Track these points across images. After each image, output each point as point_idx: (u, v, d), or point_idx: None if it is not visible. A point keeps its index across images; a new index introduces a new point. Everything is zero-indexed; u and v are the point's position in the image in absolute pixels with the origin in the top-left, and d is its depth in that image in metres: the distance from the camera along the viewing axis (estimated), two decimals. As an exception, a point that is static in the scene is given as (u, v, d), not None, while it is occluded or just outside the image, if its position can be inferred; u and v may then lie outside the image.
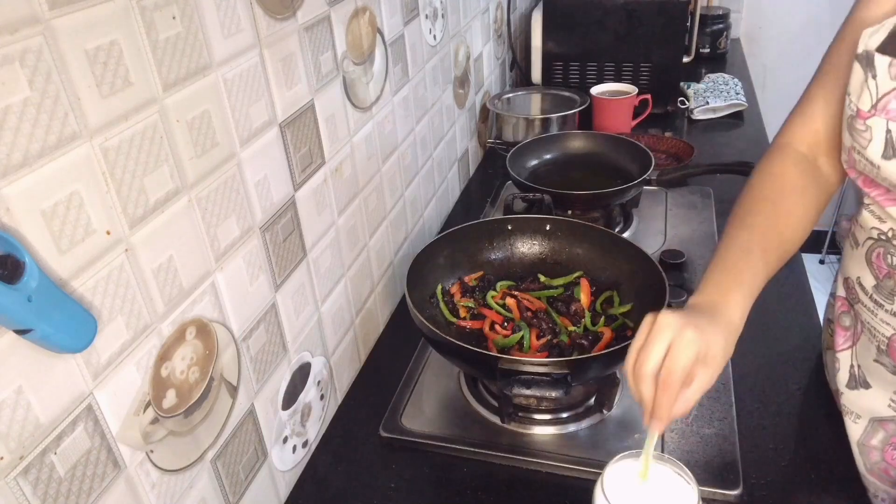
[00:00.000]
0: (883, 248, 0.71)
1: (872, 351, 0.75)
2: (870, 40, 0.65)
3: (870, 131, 0.64)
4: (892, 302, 0.71)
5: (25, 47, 0.45)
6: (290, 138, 0.78)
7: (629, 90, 1.66)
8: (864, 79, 0.64)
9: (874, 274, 0.73)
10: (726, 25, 2.16)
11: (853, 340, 0.79)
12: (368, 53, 0.96)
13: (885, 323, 0.72)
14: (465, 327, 0.98)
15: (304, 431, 0.87)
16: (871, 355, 0.75)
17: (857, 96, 0.65)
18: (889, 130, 0.63)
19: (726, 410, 0.88)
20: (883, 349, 0.73)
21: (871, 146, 0.65)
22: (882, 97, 0.63)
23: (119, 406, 0.55)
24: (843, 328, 0.81)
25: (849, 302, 0.80)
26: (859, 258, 0.75)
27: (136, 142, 0.55)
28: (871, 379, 0.77)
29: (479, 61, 1.56)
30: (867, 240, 0.73)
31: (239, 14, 0.66)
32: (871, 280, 0.73)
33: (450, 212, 1.44)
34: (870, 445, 0.78)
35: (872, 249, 0.72)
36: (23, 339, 0.45)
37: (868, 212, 0.72)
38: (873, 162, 0.65)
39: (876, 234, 0.72)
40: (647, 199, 1.36)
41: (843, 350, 0.81)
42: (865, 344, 0.76)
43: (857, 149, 0.67)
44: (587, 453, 0.84)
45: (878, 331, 0.73)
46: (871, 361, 0.76)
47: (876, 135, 0.64)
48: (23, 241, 0.45)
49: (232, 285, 0.69)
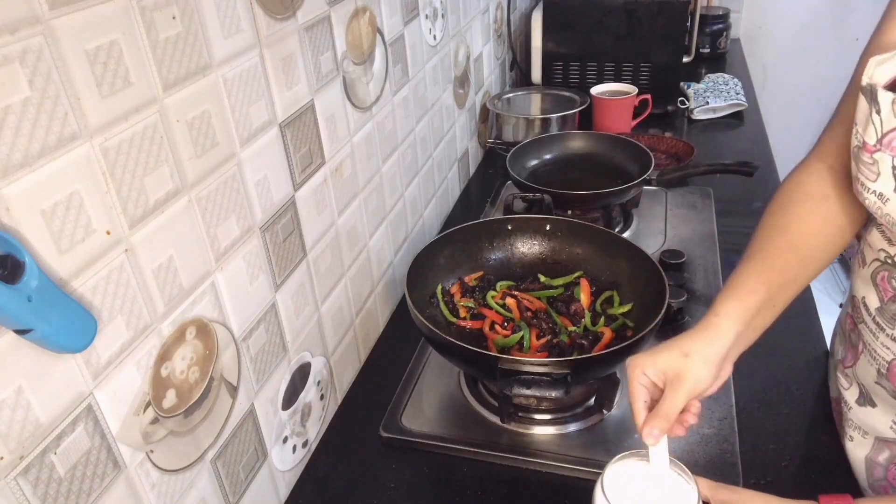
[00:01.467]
0: (888, 272, 0.69)
1: (872, 373, 0.74)
2: (875, 71, 0.62)
3: (877, 165, 0.61)
4: (893, 327, 0.69)
5: (25, 47, 0.45)
6: (290, 138, 0.78)
7: (629, 90, 1.66)
8: (868, 112, 0.61)
9: (879, 296, 0.71)
10: (726, 25, 2.16)
11: (854, 360, 0.78)
12: (368, 53, 0.96)
13: (885, 347, 0.70)
14: (465, 327, 0.98)
15: (304, 431, 0.87)
16: (872, 377, 0.74)
17: (864, 129, 0.62)
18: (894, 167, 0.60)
19: (726, 410, 0.88)
20: (883, 373, 0.72)
21: (881, 180, 0.62)
22: (887, 133, 0.60)
23: (119, 406, 0.55)
24: (852, 345, 0.79)
25: (853, 320, 0.78)
26: (865, 278, 0.73)
27: (136, 142, 0.55)
28: (875, 399, 0.75)
29: (479, 61, 1.56)
30: (874, 261, 0.71)
31: (239, 14, 0.66)
32: (876, 302, 0.71)
33: (450, 212, 1.44)
34: (876, 462, 0.77)
35: (878, 272, 0.70)
36: (23, 339, 0.45)
37: (879, 231, 0.70)
38: (883, 195, 0.62)
39: (883, 257, 0.70)
40: (647, 199, 1.36)
41: (850, 367, 0.79)
42: (865, 365, 0.75)
43: (860, 181, 0.64)
44: (587, 453, 0.84)
45: (879, 354, 0.72)
46: (872, 383, 0.74)
47: (883, 169, 0.61)
48: (23, 241, 0.45)
49: (232, 285, 0.69)
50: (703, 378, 0.65)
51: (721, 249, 1.21)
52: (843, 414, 0.81)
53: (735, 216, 1.31)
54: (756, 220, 0.78)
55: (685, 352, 0.65)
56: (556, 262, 1.08)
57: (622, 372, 0.94)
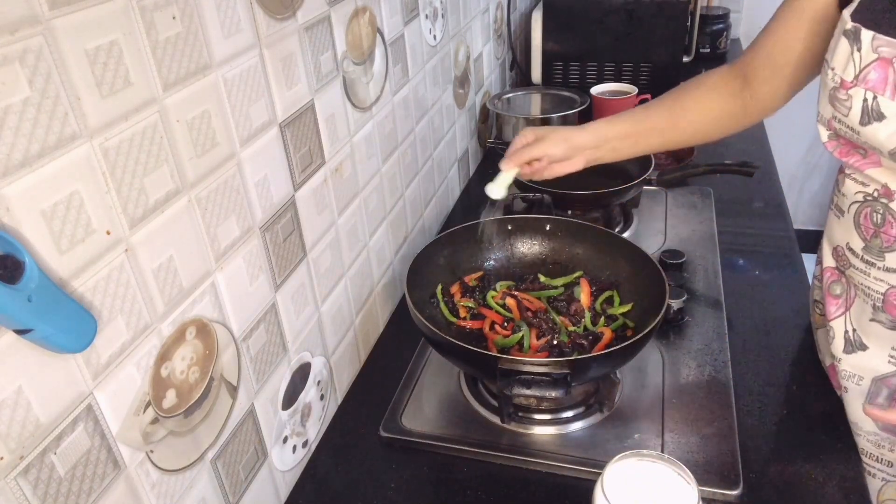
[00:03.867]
0: (870, 208, 0.75)
1: (868, 311, 0.78)
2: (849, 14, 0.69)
3: (850, 100, 0.68)
4: (882, 259, 0.74)
5: (25, 47, 0.45)
6: (290, 138, 0.78)
7: (629, 90, 1.66)
8: (850, 52, 0.68)
9: (861, 236, 0.76)
10: (726, 25, 2.16)
11: (846, 306, 0.82)
12: (368, 53, 0.96)
13: (878, 280, 0.76)
14: (465, 327, 0.98)
15: (304, 431, 0.87)
16: (867, 315, 0.79)
17: (843, 68, 0.69)
18: (866, 99, 0.67)
19: (726, 410, 0.88)
20: (879, 306, 0.77)
21: (851, 114, 0.69)
22: (864, 68, 0.67)
23: (119, 406, 0.55)
24: (835, 297, 0.84)
25: (839, 270, 0.83)
26: (846, 224, 0.78)
27: (136, 142, 0.55)
28: (867, 340, 0.80)
29: (479, 61, 1.56)
30: (852, 204, 0.77)
31: (239, 14, 0.66)
32: (860, 242, 0.77)
33: (450, 212, 1.44)
34: (875, 405, 0.80)
35: (860, 212, 0.76)
36: (23, 339, 0.45)
37: (850, 180, 0.76)
38: (853, 128, 0.69)
39: (861, 197, 0.75)
40: (647, 199, 1.36)
41: (837, 318, 0.84)
42: (860, 306, 0.80)
43: (838, 118, 0.71)
44: (587, 453, 0.84)
45: (873, 289, 0.77)
46: (866, 322, 0.79)
47: (855, 104, 0.68)
48: (23, 241, 0.45)
49: (232, 285, 0.69)
50: (555, 150, 0.93)
51: (721, 249, 1.21)
52: (836, 372, 0.85)
53: (735, 216, 1.31)
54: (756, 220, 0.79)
55: (553, 129, 0.95)
56: (556, 262, 1.08)
57: (622, 372, 0.95)
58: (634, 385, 0.94)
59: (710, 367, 0.96)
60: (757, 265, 1.18)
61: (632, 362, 0.88)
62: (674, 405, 0.90)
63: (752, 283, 1.13)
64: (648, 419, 0.88)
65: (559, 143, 0.92)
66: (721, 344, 1.00)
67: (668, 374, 0.95)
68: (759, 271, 1.15)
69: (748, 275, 1.16)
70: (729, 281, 1.13)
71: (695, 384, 0.93)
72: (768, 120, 1.60)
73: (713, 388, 0.92)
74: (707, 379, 0.93)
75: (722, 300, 1.08)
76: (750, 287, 1.12)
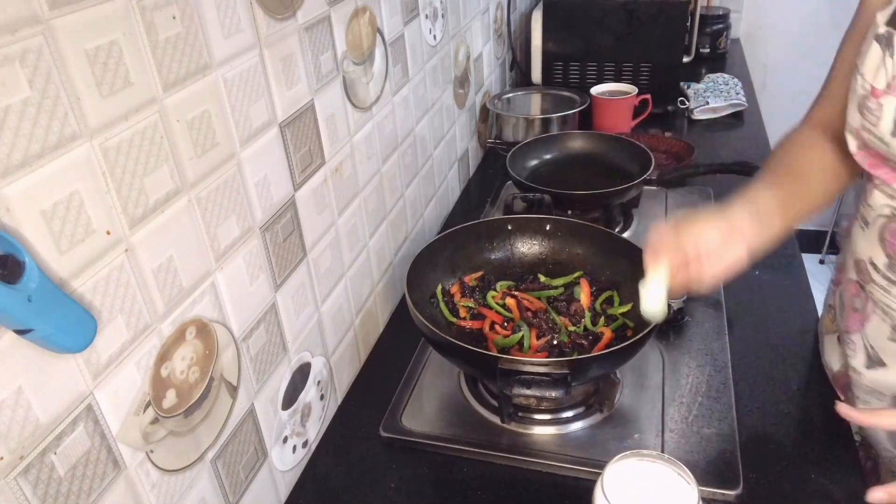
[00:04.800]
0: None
1: (886, 330, 0.76)
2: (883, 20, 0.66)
3: (881, 109, 0.65)
4: None
5: (25, 47, 0.45)
6: (290, 138, 0.78)
7: (629, 90, 1.66)
8: (881, 57, 0.64)
9: (887, 252, 0.73)
10: (726, 25, 2.16)
11: (862, 324, 0.80)
12: (368, 53, 0.96)
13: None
14: (465, 327, 0.98)
15: (304, 431, 0.87)
16: (885, 335, 0.76)
17: (873, 75, 0.65)
18: None
19: (726, 410, 0.88)
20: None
21: (881, 124, 0.65)
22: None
23: (119, 406, 0.55)
24: (855, 310, 0.81)
25: (860, 284, 0.80)
26: (871, 238, 0.75)
27: (136, 142, 0.55)
28: (885, 357, 0.77)
29: (479, 61, 1.56)
30: (878, 217, 0.73)
31: (239, 14, 0.66)
32: (884, 259, 0.73)
33: (450, 212, 1.44)
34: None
35: (886, 226, 0.72)
36: (23, 339, 0.45)
37: (879, 191, 0.72)
38: (883, 139, 0.66)
39: (889, 212, 0.72)
40: (647, 199, 1.36)
41: (857, 332, 0.81)
42: (878, 324, 0.77)
43: (867, 127, 0.67)
44: (587, 453, 0.84)
45: (893, 308, 0.74)
46: (885, 341, 0.76)
47: (886, 113, 0.64)
48: (23, 241, 0.45)
49: (232, 285, 0.69)
50: (708, 234, 0.74)
51: (721, 249, 1.21)
52: (851, 383, 0.83)
53: (735, 216, 1.31)
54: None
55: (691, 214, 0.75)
56: (556, 262, 1.08)
57: (622, 372, 0.95)
58: (634, 385, 0.94)
59: (710, 367, 0.96)
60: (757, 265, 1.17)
61: (632, 362, 0.88)
62: (674, 405, 0.90)
63: (752, 283, 1.13)
64: (648, 419, 0.88)
65: (708, 224, 0.74)
66: (721, 344, 1.00)
67: (668, 374, 0.95)
68: (760, 271, 1.15)
69: (748, 275, 1.16)
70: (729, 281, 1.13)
71: (695, 384, 0.93)
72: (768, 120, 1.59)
73: (713, 388, 0.92)
74: (707, 379, 0.93)
75: (722, 300, 1.08)
76: (750, 287, 1.12)
